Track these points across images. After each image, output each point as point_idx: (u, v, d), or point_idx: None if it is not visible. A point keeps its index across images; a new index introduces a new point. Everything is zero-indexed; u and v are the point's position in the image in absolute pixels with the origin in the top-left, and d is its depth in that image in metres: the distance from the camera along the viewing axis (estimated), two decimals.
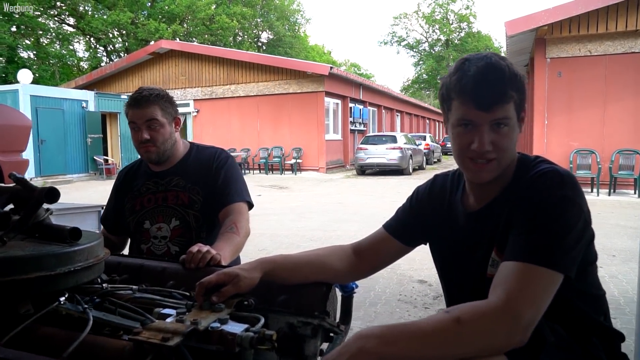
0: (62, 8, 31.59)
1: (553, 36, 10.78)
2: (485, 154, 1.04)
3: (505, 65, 1.02)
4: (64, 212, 3.90)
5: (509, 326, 0.86)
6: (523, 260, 0.93)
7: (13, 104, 14.06)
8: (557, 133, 10.98)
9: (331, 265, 1.22)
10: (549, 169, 1.03)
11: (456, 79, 1.04)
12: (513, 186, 1.08)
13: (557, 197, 0.97)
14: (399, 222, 1.30)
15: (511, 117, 1.03)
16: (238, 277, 1.04)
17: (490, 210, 1.11)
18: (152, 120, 1.73)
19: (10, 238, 1.06)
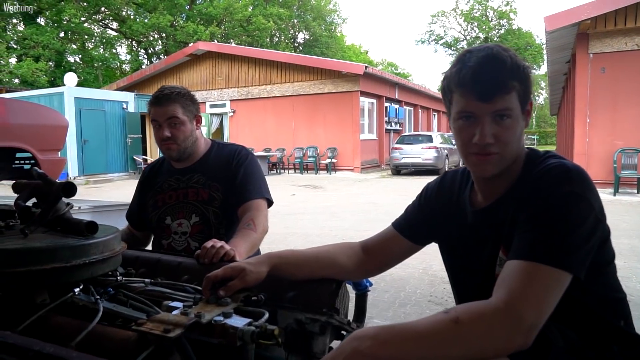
0: (106, 13, 32.72)
1: (597, 30, 10.36)
2: (487, 147, 1.00)
3: (507, 56, 0.99)
4: (102, 210, 4.03)
5: (509, 328, 0.82)
6: (526, 258, 0.89)
7: (59, 105, 14.66)
8: (600, 132, 10.55)
9: (339, 261, 1.20)
10: (556, 163, 0.98)
11: (456, 71, 1.01)
12: (520, 183, 1.04)
13: (563, 193, 0.92)
14: (408, 220, 1.28)
15: (513, 109, 0.99)
16: (244, 272, 1.04)
17: (497, 208, 1.07)
18: (173, 117, 1.76)
19: (31, 231, 1.10)
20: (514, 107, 0.99)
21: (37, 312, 0.95)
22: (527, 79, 1.01)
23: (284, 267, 1.12)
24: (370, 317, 3.79)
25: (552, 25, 10.31)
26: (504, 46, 1.03)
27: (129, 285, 1.11)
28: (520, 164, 1.07)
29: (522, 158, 1.07)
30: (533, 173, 1.01)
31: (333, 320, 1.04)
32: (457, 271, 1.22)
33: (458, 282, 1.23)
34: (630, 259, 5.34)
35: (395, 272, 4.87)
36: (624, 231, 6.73)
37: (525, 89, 1.01)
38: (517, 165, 1.06)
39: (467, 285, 1.17)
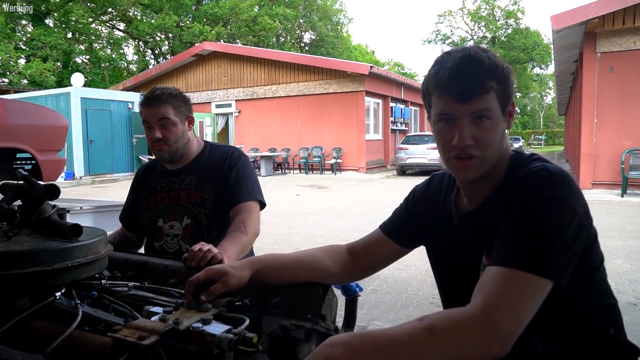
0: (114, 14, 32.90)
1: (604, 29, 10.26)
2: (468, 149, 0.98)
3: (485, 56, 0.97)
4: (104, 209, 4.03)
5: (485, 336, 0.79)
6: (506, 265, 0.86)
7: (66, 105, 14.77)
8: (608, 132, 10.45)
9: (323, 265, 1.18)
10: (539, 167, 0.95)
11: (434, 72, 1.00)
12: (504, 186, 1.02)
13: (546, 197, 0.89)
14: (395, 222, 1.26)
15: (492, 109, 0.97)
16: (227, 275, 1.02)
17: (480, 212, 1.05)
18: (164, 119, 1.74)
19: (15, 233, 1.09)
20: (493, 107, 0.97)
21: (16, 317, 0.93)
22: (507, 80, 0.98)
23: (266, 271, 1.10)
24: (371, 319, 3.77)
25: (559, 24, 10.22)
26: (483, 47, 1.01)
27: (112, 289, 1.09)
28: (504, 167, 1.04)
29: (505, 161, 1.05)
30: (516, 176, 0.98)
31: (319, 327, 1.02)
32: (442, 275, 1.20)
33: (444, 285, 1.21)
34: (637, 261, 5.28)
35: (397, 274, 4.84)
36: (632, 233, 6.66)
37: (505, 90, 0.98)
38: (501, 168, 1.04)
39: (452, 290, 1.15)
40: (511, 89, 0.99)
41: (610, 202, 9.44)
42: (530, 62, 52.69)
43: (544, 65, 52.59)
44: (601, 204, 8.98)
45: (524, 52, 49.41)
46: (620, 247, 5.86)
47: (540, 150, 41.60)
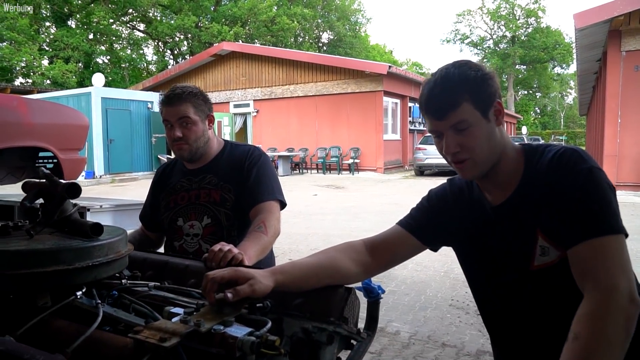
0: (134, 15, 33.34)
1: (630, 27, 10.04)
2: (457, 155, 1.11)
3: (455, 73, 1.08)
4: (124, 208, 4.07)
5: (623, 311, 0.90)
6: (590, 237, 0.96)
7: (87, 105, 15.01)
8: (633, 132, 10.22)
9: (343, 266, 1.17)
10: (561, 149, 1.07)
11: (420, 96, 1.15)
12: (531, 173, 1.11)
13: (586, 171, 1.01)
14: (416, 220, 1.28)
15: (468, 119, 1.08)
16: (254, 279, 0.99)
17: (516, 200, 1.13)
18: (185, 117, 1.73)
19: (36, 232, 1.09)
20: (468, 117, 1.08)
21: (38, 316, 0.93)
22: (480, 86, 1.09)
23: (288, 282, 1.07)
24: (390, 321, 3.74)
25: (582, 22, 10.02)
26: (460, 61, 1.13)
27: (133, 289, 1.09)
28: (520, 158, 1.14)
29: (517, 152, 1.15)
30: (544, 160, 1.09)
31: (341, 330, 0.99)
32: (482, 272, 1.24)
33: (483, 284, 1.25)
34: None
35: (416, 275, 4.79)
36: None
37: (481, 96, 1.09)
38: (517, 160, 1.14)
39: (496, 284, 1.20)
40: (488, 90, 1.09)
41: (635, 203, 9.22)
42: (550, 62, 51.85)
43: (565, 64, 51.70)
44: (625, 206, 8.77)
45: (545, 51, 48.64)
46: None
47: None
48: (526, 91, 57.98)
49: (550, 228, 1.06)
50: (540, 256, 1.09)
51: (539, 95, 59.16)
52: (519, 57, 48.69)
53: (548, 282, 1.10)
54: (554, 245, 1.07)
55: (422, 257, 5.38)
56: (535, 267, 1.10)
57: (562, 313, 1.05)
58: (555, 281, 1.09)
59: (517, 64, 50.62)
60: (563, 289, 1.08)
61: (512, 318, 1.19)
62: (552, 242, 1.07)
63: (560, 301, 1.09)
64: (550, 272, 1.09)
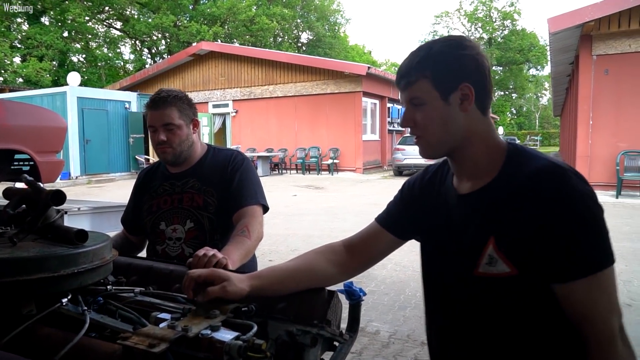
0: (110, 13, 32.80)
1: (600, 32, 10.33)
2: (412, 131, 1.09)
3: (429, 49, 1.05)
4: (102, 210, 4.02)
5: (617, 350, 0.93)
6: (587, 274, 0.92)
7: (62, 105, 14.71)
8: (603, 134, 10.51)
9: (320, 269, 1.18)
10: (553, 165, 0.97)
11: None
12: (509, 173, 1.02)
13: (580, 197, 0.93)
14: (391, 214, 1.26)
15: (422, 96, 1.04)
16: (228, 282, 1.02)
17: (484, 195, 1.04)
18: (169, 122, 1.74)
19: (20, 239, 1.09)
20: (424, 94, 1.04)
21: (23, 324, 0.93)
22: (448, 65, 1.02)
23: (265, 286, 1.10)
24: (369, 320, 3.78)
25: (556, 26, 10.27)
26: (451, 37, 1.07)
27: (119, 295, 1.10)
28: (497, 153, 1.06)
29: (494, 146, 1.07)
30: (526, 170, 0.99)
31: (324, 332, 1.02)
32: (432, 268, 1.19)
33: (434, 276, 1.19)
34: (632, 262, 5.32)
35: (395, 275, 4.85)
36: (626, 234, 6.70)
37: (444, 75, 1.02)
38: (493, 154, 1.06)
39: (442, 285, 1.14)
40: (455, 73, 1.02)
41: (606, 203, 9.44)
42: (526, 63, 52.84)
43: (540, 66, 52.77)
44: None
45: (520, 53, 49.56)
46: (616, 249, 5.74)
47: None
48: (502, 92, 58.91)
49: (508, 243, 0.97)
50: (486, 264, 1.00)
51: (515, 96, 60.17)
52: (496, 58, 49.45)
53: (490, 295, 1.02)
54: (504, 260, 0.98)
55: (401, 257, 5.43)
56: (479, 274, 1.01)
57: (504, 333, 1.02)
58: (498, 297, 1.01)
59: (494, 65, 51.40)
60: (506, 308, 1.01)
61: (452, 330, 1.12)
62: (504, 256, 0.98)
63: (502, 319, 1.02)
64: (493, 284, 1.00)
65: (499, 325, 1.02)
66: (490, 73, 1.08)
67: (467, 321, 1.08)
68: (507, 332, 1.01)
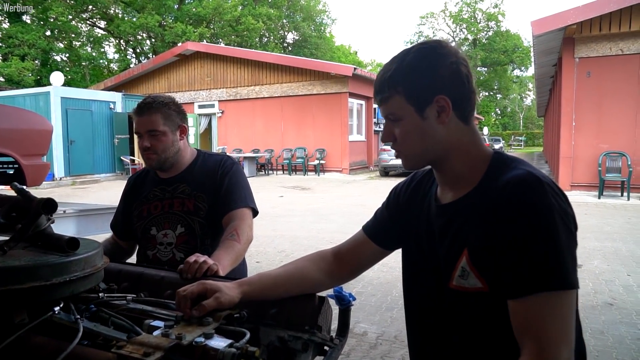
0: (94, 12, 32.41)
1: (582, 35, 10.51)
2: (393, 146, 1.07)
3: (394, 61, 1.03)
4: (88, 213, 3.99)
5: None
6: (535, 291, 0.86)
7: (45, 105, 14.51)
8: (586, 135, 10.70)
9: (311, 275, 1.19)
10: (526, 173, 0.93)
11: None
12: (488, 185, 0.98)
13: (546, 210, 0.88)
14: (376, 223, 1.25)
15: (396, 112, 1.03)
16: (220, 292, 1.03)
17: (461, 206, 1.02)
18: (153, 128, 1.75)
19: (10, 247, 1.08)
20: (399, 110, 1.02)
21: (15, 333, 0.93)
22: (420, 79, 1.00)
23: (255, 293, 1.11)
24: (357, 322, 3.81)
25: (539, 29, 10.43)
26: (424, 44, 1.04)
27: (111, 302, 1.10)
28: (479, 163, 1.03)
29: (478, 156, 1.04)
30: (502, 180, 0.95)
31: (315, 338, 1.04)
32: (412, 279, 1.18)
33: (411, 284, 1.19)
34: (613, 261, 5.42)
35: (382, 276, 4.89)
36: (608, 234, 6.83)
37: (416, 90, 1.00)
38: (475, 164, 1.03)
39: (421, 295, 1.13)
40: (428, 87, 0.99)
41: (588, 203, 9.65)
42: (510, 64, 53.47)
43: (524, 67, 53.44)
44: (579, 206, 9.17)
45: (505, 54, 50.13)
46: (598, 248, 6.01)
47: (520, 151, 42.24)
48: (487, 93, 59.49)
49: (478, 256, 0.95)
50: (459, 277, 0.99)
51: (499, 96, 60.82)
52: (480, 59, 49.97)
53: (462, 309, 1.01)
54: (475, 274, 0.96)
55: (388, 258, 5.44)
56: (453, 287, 1.00)
57: (476, 347, 1.01)
58: (470, 311, 1.00)
59: (479, 66, 51.91)
60: (478, 323, 0.99)
61: (433, 344, 1.11)
62: (475, 270, 0.96)
63: (474, 333, 1.01)
64: (466, 299, 0.99)
65: (471, 339, 1.02)
66: (470, 78, 1.02)
67: (441, 333, 1.08)
68: (478, 346, 1.02)
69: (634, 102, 10.24)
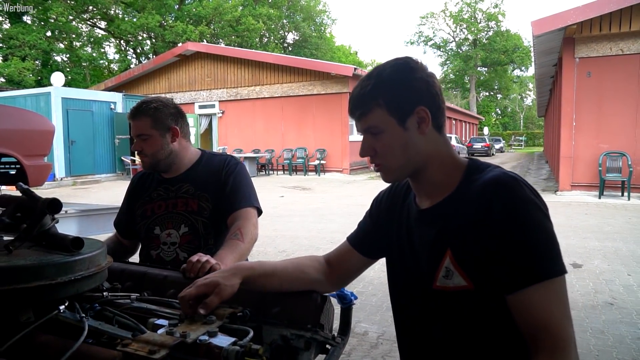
0: (94, 12, 32.44)
1: (582, 35, 10.51)
2: (373, 159, 1.08)
3: (379, 75, 1.05)
4: (90, 213, 4.00)
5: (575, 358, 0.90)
6: (533, 281, 0.91)
7: (46, 106, 14.53)
8: (586, 135, 10.70)
9: (307, 273, 1.21)
10: (501, 173, 0.99)
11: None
12: (465, 188, 1.03)
13: (524, 205, 0.94)
14: (360, 232, 1.28)
15: (378, 125, 1.05)
16: (220, 286, 1.03)
17: (441, 210, 1.06)
18: (141, 133, 1.78)
19: (15, 247, 1.10)
20: (380, 123, 1.04)
21: (21, 331, 0.94)
22: (400, 91, 1.03)
23: (254, 278, 1.12)
24: (358, 321, 3.82)
25: (539, 29, 10.43)
26: (397, 60, 1.07)
27: (115, 301, 1.11)
28: (455, 171, 1.08)
29: (453, 164, 1.08)
30: (478, 183, 1.00)
31: (318, 336, 1.05)
32: (396, 286, 1.21)
33: (396, 299, 1.23)
34: (614, 261, 5.43)
35: (383, 276, 4.90)
36: (608, 234, 6.83)
37: (398, 102, 1.03)
38: (451, 172, 1.08)
39: (407, 300, 1.16)
40: (409, 98, 1.03)
41: (588, 203, 9.66)
42: (510, 64, 53.49)
43: (524, 67, 53.46)
44: (579, 206, 9.18)
45: (505, 54, 50.15)
46: (598, 248, 6.01)
47: (520, 151, 42.25)
48: (487, 93, 59.52)
49: (463, 256, 0.99)
50: (442, 277, 1.02)
51: (499, 96, 60.87)
52: (481, 59, 50.00)
53: (448, 309, 1.04)
54: (460, 273, 0.99)
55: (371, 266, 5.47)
56: (437, 287, 1.03)
57: (463, 347, 1.04)
58: (455, 311, 1.03)
59: (479, 66, 51.96)
60: (464, 322, 1.02)
61: (421, 346, 1.13)
62: (460, 269, 0.99)
63: (460, 333, 1.04)
64: (451, 298, 1.02)
65: (457, 339, 1.04)
66: (441, 91, 1.08)
67: (427, 334, 1.10)
68: (465, 346, 1.04)
69: (634, 102, 10.24)
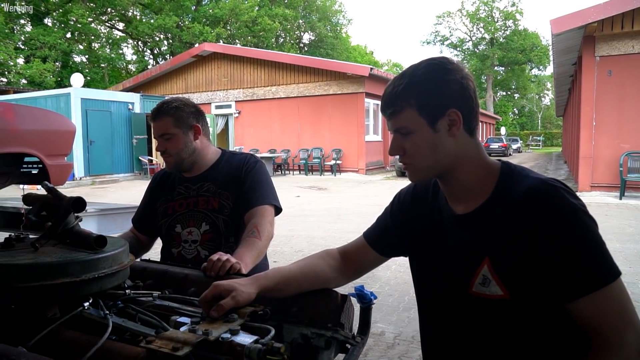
0: (113, 14, 32.90)
1: (603, 33, 10.33)
2: (401, 159, 1.08)
3: (413, 75, 1.04)
4: (108, 212, 4.06)
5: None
6: (591, 290, 0.91)
7: (66, 106, 14.77)
8: (606, 135, 10.51)
9: (321, 272, 1.22)
10: (543, 182, 0.98)
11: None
12: (502, 194, 1.03)
13: (573, 213, 0.93)
14: (377, 230, 1.28)
15: (408, 125, 1.04)
16: (236, 291, 1.04)
17: (480, 217, 1.05)
18: (164, 132, 1.80)
19: (41, 244, 1.12)
20: (411, 124, 1.04)
21: (47, 327, 0.96)
22: (433, 92, 1.02)
23: (271, 287, 1.12)
24: (374, 322, 3.81)
25: (559, 28, 10.28)
26: (433, 60, 1.06)
27: (138, 299, 1.13)
28: (489, 175, 1.07)
29: (486, 167, 1.08)
30: (519, 189, 1.00)
31: (338, 335, 1.05)
32: (427, 287, 1.21)
33: (427, 301, 1.22)
34: (636, 263, 5.33)
35: (399, 276, 4.88)
36: (630, 235, 6.71)
37: (429, 103, 1.02)
38: (485, 175, 1.07)
39: (436, 297, 1.16)
40: (441, 100, 1.02)
41: (609, 204, 9.49)
42: (528, 64, 52.84)
43: (542, 66, 52.78)
44: (600, 207, 9.03)
45: (522, 53, 49.55)
46: (619, 250, 5.91)
47: (538, 151, 41.70)
48: (505, 92, 58.87)
49: (502, 265, 0.99)
50: (479, 284, 1.02)
51: (517, 96, 60.16)
52: (498, 58, 49.47)
53: (481, 315, 1.04)
54: (497, 282, 0.99)
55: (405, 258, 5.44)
56: (473, 293, 1.03)
57: (493, 352, 1.04)
58: (489, 318, 1.03)
59: (496, 65, 51.42)
60: (496, 329, 1.03)
61: (451, 349, 1.13)
62: (498, 278, 0.99)
63: (491, 339, 1.04)
64: (486, 305, 1.02)
65: (488, 344, 1.04)
66: (476, 94, 1.07)
67: (456, 338, 1.10)
68: (496, 351, 1.03)
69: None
